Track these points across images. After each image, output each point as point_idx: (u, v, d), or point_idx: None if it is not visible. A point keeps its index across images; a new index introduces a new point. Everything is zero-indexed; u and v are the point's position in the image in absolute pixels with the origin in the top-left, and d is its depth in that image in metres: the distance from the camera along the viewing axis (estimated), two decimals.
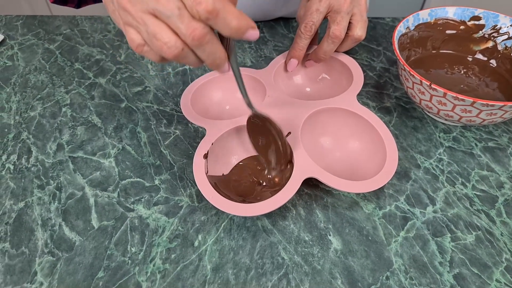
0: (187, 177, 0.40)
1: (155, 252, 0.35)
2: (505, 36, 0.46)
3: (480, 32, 0.48)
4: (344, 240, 0.35)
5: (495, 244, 0.35)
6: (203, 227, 0.36)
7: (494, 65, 0.48)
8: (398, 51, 0.42)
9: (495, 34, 0.47)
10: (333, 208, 0.38)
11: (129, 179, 0.41)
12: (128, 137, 0.45)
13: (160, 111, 0.48)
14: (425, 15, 0.47)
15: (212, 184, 0.35)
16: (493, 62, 0.48)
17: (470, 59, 0.49)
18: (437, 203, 0.38)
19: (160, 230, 0.36)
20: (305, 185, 0.39)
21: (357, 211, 0.37)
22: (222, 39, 0.29)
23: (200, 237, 0.36)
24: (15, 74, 0.54)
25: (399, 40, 0.45)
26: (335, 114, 0.41)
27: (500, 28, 0.47)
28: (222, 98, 0.46)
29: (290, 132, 0.38)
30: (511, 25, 0.46)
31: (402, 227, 0.36)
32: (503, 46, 0.47)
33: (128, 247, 0.35)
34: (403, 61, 0.40)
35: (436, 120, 0.45)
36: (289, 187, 0.34)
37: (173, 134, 0.45)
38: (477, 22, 0.48)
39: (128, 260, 0.34)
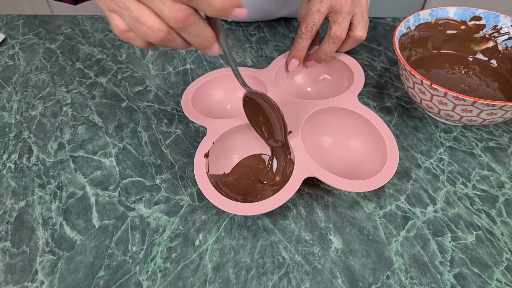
0: (188, 177, 0.40)
1: (155, 251, 0.35)
2: (506, 36, 0.46)
3: (481, 32, 0.48)
4: (344, 239, 0.35)
5: (495, 244, 0.35)
6: (204, 226, 0.36)
7: (495, 65, 0.48)
8: (398, 51, 0.42)
9: (495, 34, 0.47)
10: (334, 207, 0.38)
11: (130, 179, 0.41)
12: (129, 137, 0.45)
13: (161, 110, 0.48)
14: (426, 15, 0.47)
15: (212, 183, 0.35)
16: (493, 62, 0.48)
17: (470, 59, 0.49)
18: (437, 202, 0.38)
19: (161, 229, 0.36)
20: (306, 185, 0.39)
21: (357, 210, 0.37)
22: (209, 19, 0.28)
23: (200, 236, 0.36)
24: (16, 73, 0.54)
25: (400, 40, 0.45)
26: (335, 114, 0.41)
27: (500, 28, 0.47)
28: (223, 97, 0.46)
29: (291, 131, 0.38)
30: (511, 25, 0.46)
31: (402, 226, 0.36)
32: (503, 46, 0.47)
33: (129, 246, 0.35)
34: (404, 61, 0.40)
35: (437, 120, 0.46)
36: (289, 186, 0.34)
37: (174, 134, 0.45)
38: (477, 22, 0.48)
39: (129, 259, 0.34)
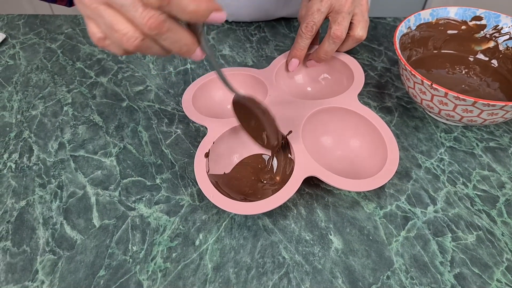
0: (188, 176, 0.41)
1: (156, 251, 0.35)
2: (507, 36, 0.46)
3: (482, 32, 0.48)
4: (345, 239, 0.35)
5: (496, 244, 0.35)
6: (204, 226, 0.36)
7: (496, 65, 0.48)
8: (399, 51, 0.42)
9: (496, 34, 0.47)
10: (334, 207, 0.38)
11: (130, 178, 0.41)
12: (130, 136, 0.45)
13: (162, 110, 0.48)
14: (427, 15, 0.47)
15: (213, 183, 0.35)
16: (494, 62, 0.48)
17: (471, 59, 0.49)
18: (438, 203, 0.38)
19: (161, 229, 0.36)
20: (306, 185, 0.39)
21: (358, 210, 0.37)
22: (189, 23, 0.27)
23: (201, 236, 0.36)
24: (17, 73, 0.54)
25: (401, 40, 0.45)
26: (336, 114, 0.41)
27: (501, 28, 0.46)
28: (223, 97, 0.46)
29: (291, 131, 0.38)
30: None
31: (403, 226, 0.36)
32: (504, 46, 0.47)
33: (129, 245, 0.35)
34: (405, 61, 0.40)
35: (437, 120, 0.45)
36: (290, 185, 0.34)
37: (174, 133, 0.45)
38: (478, 22, 0.48)
39: (129, 259, 0.34)
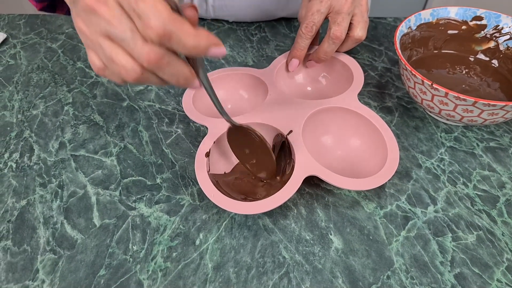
0: (189, 176, 0.41)
1: (156, 251, 0.35)
2: (507, 36, 0.46)
3: (482, 32, 0.48)
4: (345, 239, 0.35)
5: (496, 244, 0.35)
6: (205, 226, 0.36)
7: (496, 65, 0.48)
8: (399, 51, 0.42)
9: (497, 34, 0.47)
10: (334, 207, 0.38)
11: (130, 178, 0.41)
12: (130, 136, 0.45)
13: (162, 110, 0.48)
14: (427, 15, 0.47)
15: (213, 182, 0.35)
16: (495, 62, 0.48)
17: (472, 59, 0.49)
18: (438, 202, 0.38)
19: (162, 228, 0.36)
20: (306, 184, 0.39)
21: (358, 210, 0.37)
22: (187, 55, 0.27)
23: (201, 235, 0.36)
24: (18, 72, 0.54)
25: (401, 40, 0.45)
26: (336, 114, 0.41)
27: (502, 28, 0.46)
28: (223, 97, 0.46)
29: (291, 131, 0.38)
30: None
31: (403, 226, 0.36)
32: (505, 46, 0.47)
33: (130, 245, 0.35)
34: (405, 61, 0.40)
35: (438, 120, 0.45)
36: (290, 185, 0.34)
37: (175, 133, 0.45)
38: (479, 22, 0.48)
39: (129, 258, 0.34)
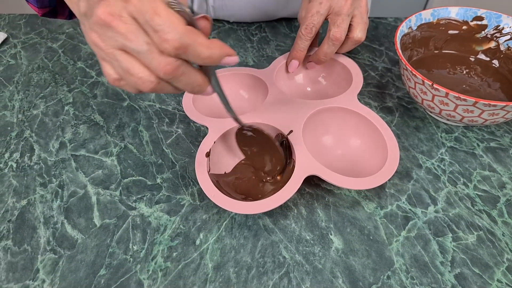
0: (189, 176, 0.41)
1: (156, 250, 0.35)
2: (508, 37, 0.46)
3: (483, 32, 0.48)
4: (345, 239, 0.35)
5: (496, 244, 0.35)
6: (205, 226, 0.36)
7: (497, 66, 0.48)
8: (400, 51, 0.42)
9: (497, 35, 0.47)
10: (335, 207, 0.38)
11: (131, 178, 0.41)
12: (130, 136, 0.45)
13: (162, 110, 0.48)
14: (428, 15, 0.47)
15: (214, 182, 0.35)
16: (495, 63, 0.48)
17: (472, 59, 0.49)
18: (438, 203, 0.38)
19: (162, 228, 0.36)
20: (307, 184, 0.39)
21: (358, 210, 0.37)
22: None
23: (201, 235, 0.36)
24: (18, 72, 0.54)
25: (401, 40, 0.45)
26: (336, 113, 0.41)
27: (502, 28, 0.46)
28: None
29: (291, 131, 0.38)
30: None
31: (403, 226, 0.36)
32: (505, 47, 0.47)
33: (130, 245, 0.35)
34: (405, 61, 0.40)
35: (438, 120, 0.45)
36: (291, 184, 0.34)
37: (175, 133, 0.45)
38: (479, 22, 0.48)
39: (129, 258, 0.34)
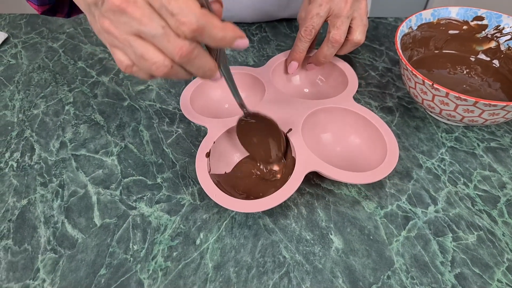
0: (189, 176, 0.41)
1: (156, 250, 0.35)
2: (508, 36, 0.46)
3: (483, 32, 0.48)
4: (345, 239, 0.35)
5: (496, 244, 0.35)
6: (205, 225, 0.36)
7: (497, 66, 0.48)
8: (400, 51, 0.42)
9: (498, 34, 0.47)
10: (335, 207, 0.38)
11: (131, 177, 0.41)
12: (131, 136, 0.45)
13: (163, 109, 0.48)
14: (428, 15, 0.47)
15: (214, 182, 0.35)
16: (496, 63, 0.48)
17: (472, 59, 0.49)
18: (438, 203, 0.38)
19: (162, 228, 0.36)
20: (307, 184, 0.39)
21: (358, 210, 0.37)
22: (210, 48, 0.29)
23: (201, 235, 0.36)
24: (19, 72, 0.54)
25: (402, 40, 0.45)
26: (334, 113, 0.41)
27: (503, 28, 0.46)
28: (221, 96, 0.46)
29: (291, 129, 0.39)
30: None
31: (403, 226, 0.36)
32: (506, 47, 0.47)
33: (130, 244, 0.35)
34: (406, 61, 0.40)
35: (438, 120, 0.45)
36: (291, 182, 0.34)
37: (176, 133, 0.45)
38: (480, 22, 0.48)
39: (130, 258, 0.34)
